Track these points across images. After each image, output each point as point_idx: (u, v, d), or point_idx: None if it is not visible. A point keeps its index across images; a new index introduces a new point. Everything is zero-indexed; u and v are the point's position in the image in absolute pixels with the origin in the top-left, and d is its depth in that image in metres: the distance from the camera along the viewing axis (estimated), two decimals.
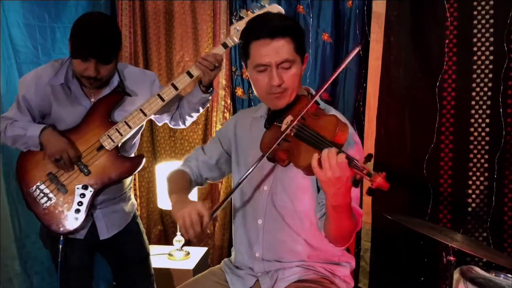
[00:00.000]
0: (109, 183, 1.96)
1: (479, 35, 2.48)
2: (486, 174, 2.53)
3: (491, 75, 2.48)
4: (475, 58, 2.50)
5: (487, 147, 2.52)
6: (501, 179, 2.51)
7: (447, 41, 2.54)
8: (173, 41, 3.13)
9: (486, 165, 2.53)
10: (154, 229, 3.26)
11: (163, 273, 2.67)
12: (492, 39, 2.46)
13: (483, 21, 2.47)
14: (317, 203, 1.55)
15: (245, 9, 2.76)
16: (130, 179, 2.12)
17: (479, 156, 2.54)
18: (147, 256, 2.21)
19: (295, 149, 1.40)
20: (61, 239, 1.93)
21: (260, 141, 1.54)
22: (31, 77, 1.95)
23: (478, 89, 2.51)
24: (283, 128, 1.46)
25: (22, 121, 1.93)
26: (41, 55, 2.65)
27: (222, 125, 1.86)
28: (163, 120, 2.17)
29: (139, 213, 2.53)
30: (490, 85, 2.49)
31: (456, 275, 2.19)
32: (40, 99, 1.92)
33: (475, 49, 2.50)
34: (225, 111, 3.04)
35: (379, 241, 2.77)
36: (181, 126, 2.18)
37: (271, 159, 1.49)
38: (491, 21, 2.45)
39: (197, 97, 2.04)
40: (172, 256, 2.84)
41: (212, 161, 1.76)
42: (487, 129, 2.52)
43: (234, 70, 3.05)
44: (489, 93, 2.49)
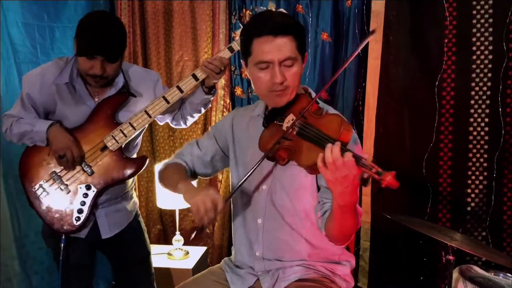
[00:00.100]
0: (112, 184, 1.97)
1: (478, 35, 2.48)
2: (485, 173, 2.53)
3: (490, 75, 2.48)
4: (474, 57, 2.50)
5: (486, 147, 2.52)
6: (500, 178, 2.51)
7: (446, 41, 2.53)
8: (172, 41, 3.13)
9: (485, 165, 2.53)
10: (153, 228, 3.26)
11: (163, 273, 2.68)
12: (491, 39, 2.46)
13: (482, 21, 2.47)
14: (317, 202, 1.54)
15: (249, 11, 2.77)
16: (132, 178, 2.12)
17: (478, 155, 2.54)
18: (148, 255, 2.22)
19: (297, 147, 1.39)
20: (63, 238, 1.93)
21: (258, 140, 1.52)
22: (35, 75, 1.94)
23: (477, 89, 2.51)
24: (284, 126, 1.45)
25: (27, 118, 1.93)
26: (40, 54, 2.65)
27: (218, 121, 1.85)
28: (165, 120, 2.18)
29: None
30: (489, 84, 2.49)
31: (455, 274, 2.20)
32: (44, 97, 1.92)
33: (474, 48, 2.50)
34: (224, 110, 3.04)
35: (378, 241, 2.77)
36: (182, 126, 2.19)
37: (271, 158, 1.48)
38: (490, 21, 2.45)
39: (199, 98, 2.05)
40: (171, 255, 2.84)
41: (207, 157, 1.74)
42: (486, 129, 2.52)
43: (233, 69, 3.05)
44: (488, 93, 2.49)
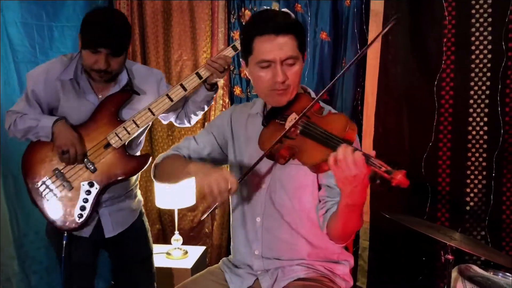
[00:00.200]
0: (115, 181, 1.97)
1: (477, 34, 2.48)
2: (484, 172, 2.53)
3: (489, 74, 2.48)
4: (473, 56, 2.50)
5: (485, 146, 2.52)
6: (499, 177, 2.51)
7: (445, 40, 2.53)
8: (171, 40, 3.13)
9: (484, 164, 2.53)
10: (152, 228, 3.25)
11: (162, 272, 2.66)
12: (490, 38, 2.45)
13: (481, 20, 2.46)
14: (318, 201, 1.54)
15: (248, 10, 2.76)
16: (136, 176, 2.12)
17: (477, 154, 2.54)
18: (150, 255, 2.22)
19: (300, 146, 1.38)
20: (65, 235, 1.93)
21: (257, 138, 1.51)
22: (40, 71, 1.96)
23: (476, 88, 2.51)
24: (287, 125, 1.44)
25: (32, 114, 1.93)
26: (39, 54, 2.65)
27: (215, 118, 1.85)
28: (169, 118, 2.18)
29: None
30: (488, 83, 2.49)
31: (454, 273, 2.20)
32: (49, 93, 1.93)
33: (473, 47, 2.49)
34: (223, 110, 3.04)
35: (377, 240, 2.77)
36: (186, 124, 2.19)
37: (271, 156, 1.47)
38: (489, 20, 2.45)
39: (202, 95, 2.06)
40: (170, 255, 2.84)
41: (204, 152, 1.71)
42: (485, 128, 2.51)
43: (232, 69, 3.05)
44: (487, 92, 2.49)
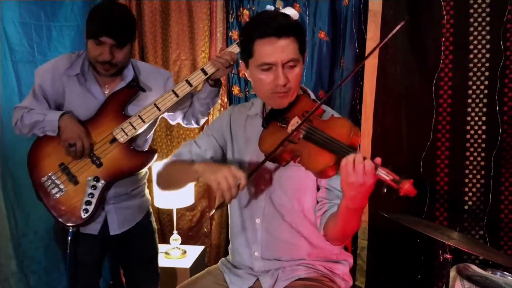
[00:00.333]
0: (121, 176, 1.97)
1: (476, 33, 2.48)
2: (482, 172, 2.53)
3: (487, 73, 2.48)
4: (472, 56, 2.50)
5: (484, 145, 2.52)
6: (497, 177, 2.51)
7: (443, 39, 2.54)
8: (169, 40, 3.12)
9: (482, 163, 2.53)
10: None
11: (160, 272, 2.66)
12: (488, 37, 2.46)
13: (480, 19, 2.47)
14: (316, 202, 1.54)
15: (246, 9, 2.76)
16: (144, 174, 2.12)
17: (475, 154, 2.54)
18: (155, 255, 2.22)
19: (303, 151, 1.36)
20: (70, 231, 1.92)
21: (257, 140, 1.51)
22: (47, 67, 1.98)
23: (474, 87, 2.52)
24: (289, 129, 1.43)
25: (39, 108, 1.94)
26: (37, 54, 2.65)
27: (214, 120, 1.85)
28: (176, 118, 2.18)
29: None
30: (486, 83, 2.49)
31: (452, 273, 2.20)
32: (56, 89, 1.95)
33: (472, 47, 2.50)
34: (222, 109, 3.04)
35: (376, 239, 2.77)
36: (194, 125, 2.19)
37: (272, 159, 1.46)
38: (487, 19, 2.45)
39: (205, 91, 2.07)
40: (169, 254, 2.83)
41: (207, 155, 1.68)
42: (484, 127, 2.52)
43: None
44: (486, 91, 2.49)
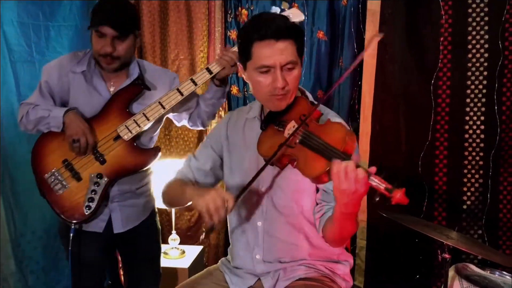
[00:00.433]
0: (124, 173, 1.97)
1: (474, 33, 2.48)
2: (481, 171, 2.54)
3: (486, 73, 2.48)
4: (470, 55, 2.51)
5: (482, 145, 2.53)
6: (496, 176, 2.51)
7: (442, 39, 2.54)
8: (168, 40, 3.12)
9: (481, 163, 2.53)
10: None
11: None
12: (486, 37, 2.46)
13: (478, 19, 2.47)
14: (315, 204, 1.54)
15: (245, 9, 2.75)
16: (149, 172, 2.12)
17: (474, 153, 2.55)
18: (158, 255, 2.22)
19: (300, 156, 1.36)
20: (72, 227, 1.92)
21: (256, 143, 1.50)
22: (54, 64, 2.01)
23: (473, 87, 2.52)
24: (286, 133, 1.43)
25: (44, 105, 1.95)
26: (35, 53, 2.64)
27: (212, 129, 1.85)
28: (182, 119, 2.18)
29: None
30: (485, 82, 2.49)
31: (451, 272, 2.20)
32: (61, 85, 1.97)
33: (470, 46, 2.50)
34: (220, 109, 3.03)
35: (374, 239, 2.77)
36: (200, 127, 2.20)
37: (270, 163, 1.46)
38: (486, 19, 2.45)
39: (211, 91, 2.07)
40: (167, 254, 2.83)
41: (206, 167, 1.69)
42: (482, 127, 2.52)
43: None
44: (484, 91, 2.50)
